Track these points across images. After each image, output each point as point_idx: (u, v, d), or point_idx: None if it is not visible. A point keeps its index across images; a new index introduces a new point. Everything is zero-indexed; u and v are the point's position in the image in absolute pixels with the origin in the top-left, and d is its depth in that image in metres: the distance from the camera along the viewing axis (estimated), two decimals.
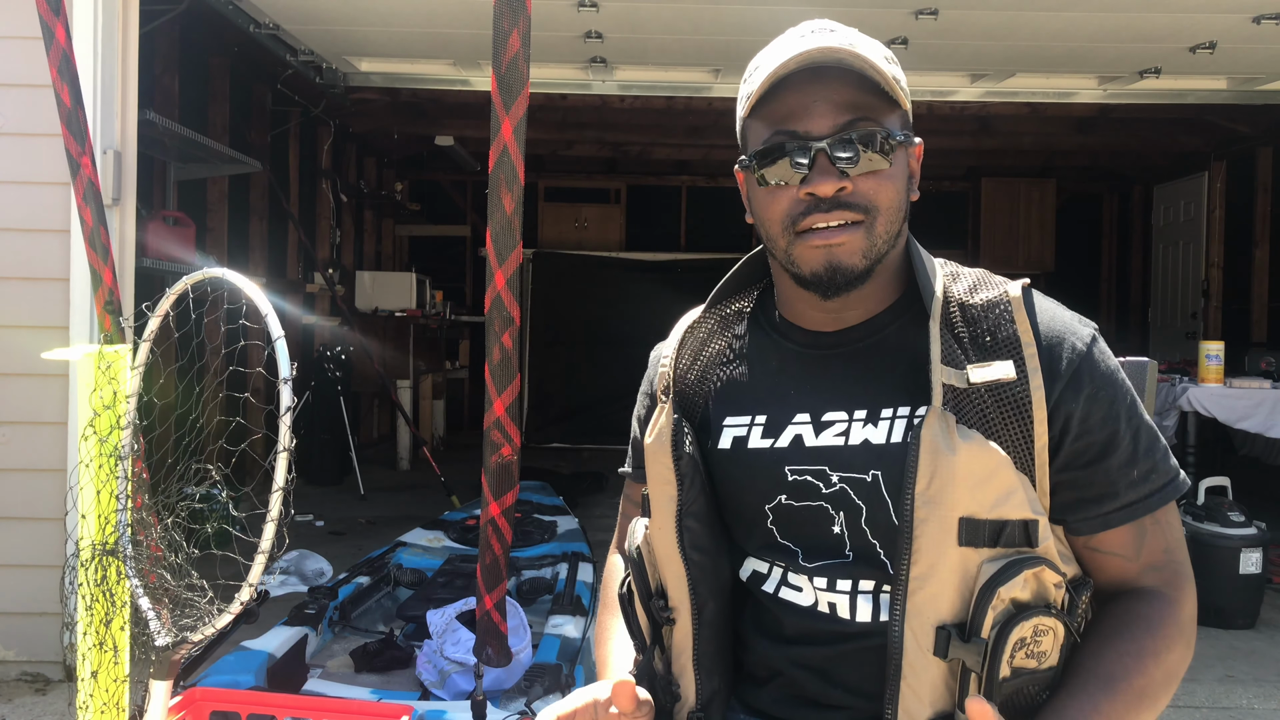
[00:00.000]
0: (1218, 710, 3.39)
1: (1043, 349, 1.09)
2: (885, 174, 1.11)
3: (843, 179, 1.10)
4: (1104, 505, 1.10)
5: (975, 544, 1.03)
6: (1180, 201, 8.96)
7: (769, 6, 4.68)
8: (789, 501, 1.15)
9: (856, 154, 1.09)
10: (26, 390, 3.50)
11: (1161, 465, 1.13)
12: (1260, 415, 4.94)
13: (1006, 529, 1.04)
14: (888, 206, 1.12)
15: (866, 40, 1.14)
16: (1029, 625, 1.02)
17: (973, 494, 1.03)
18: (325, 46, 5.74)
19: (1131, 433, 1.11)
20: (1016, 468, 1.05)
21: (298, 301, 7.46)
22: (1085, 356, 1.11)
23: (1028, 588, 1.03)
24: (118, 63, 3.52)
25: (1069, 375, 1.09)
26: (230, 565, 1.68)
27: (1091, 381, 1.10)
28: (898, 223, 1.13)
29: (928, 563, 1.03)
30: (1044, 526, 1.05)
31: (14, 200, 3.52)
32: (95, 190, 2.13)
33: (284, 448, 1.56)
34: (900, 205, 1.13)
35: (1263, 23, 4.80)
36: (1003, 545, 1.04)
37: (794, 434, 1.15)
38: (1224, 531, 4.17)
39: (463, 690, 2.77)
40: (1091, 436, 1.09)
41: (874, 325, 1.17)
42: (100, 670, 1.90)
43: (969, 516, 1.03)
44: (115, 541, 1.87)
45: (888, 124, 1.11)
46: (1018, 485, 1.04)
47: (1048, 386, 1.08)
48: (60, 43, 2.07)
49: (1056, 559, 1.06)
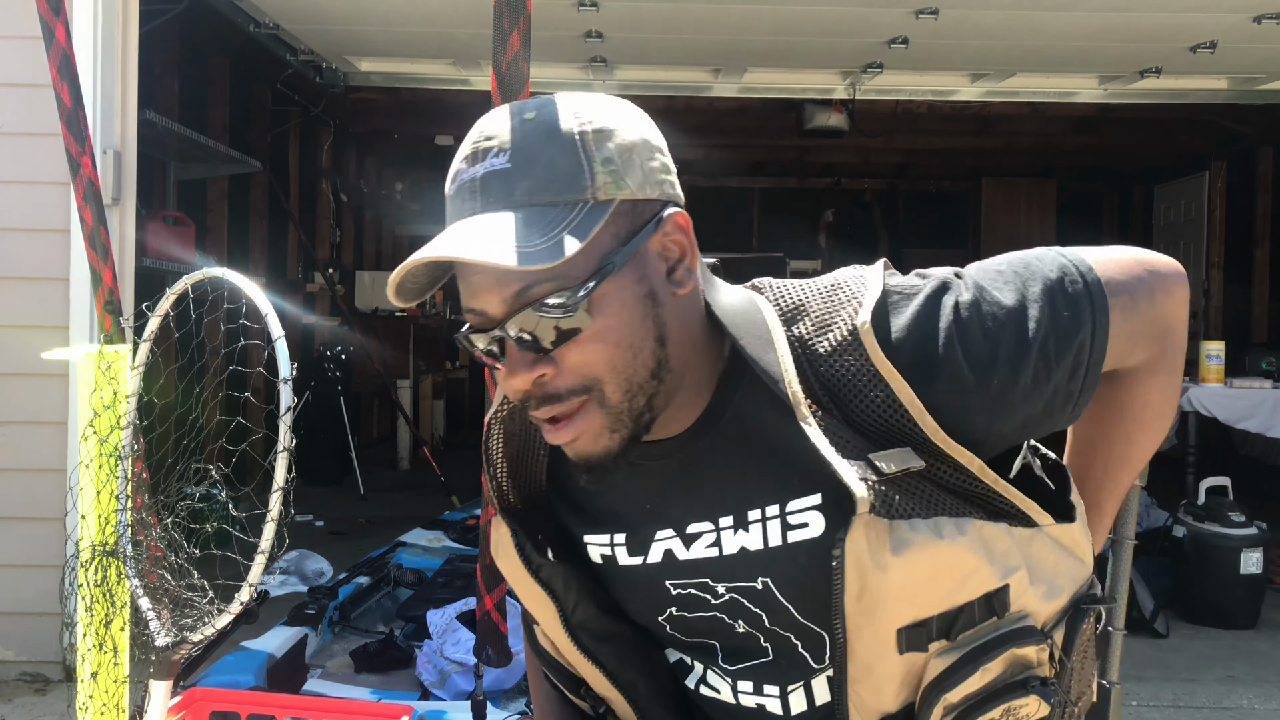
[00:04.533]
0: (1219, 710, 3.38)
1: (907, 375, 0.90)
2: (596, 334, 0.88)
3: (537, 365, 0.89)
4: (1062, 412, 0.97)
5: (920, 648, 0.91)
6: (1181, 201, 8.95)
7: (769, 6, 4.68)
8: (681, 613, 1.03)
9: (542, 329, 0.88)
10: (26, 390, 3.50)
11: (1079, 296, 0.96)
12: (1261, 415, 4.94)
13: (963, 614, 0.91)
14: (612, 369, 0.89)
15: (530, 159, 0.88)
16: (997, 711, 0.93)
17: (913, 601, 0.90)
18: (325, 46, 5.74)
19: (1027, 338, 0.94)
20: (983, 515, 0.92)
21: (298, 301, 7.45)
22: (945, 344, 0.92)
23: (990, 674, 0.92)
24: (117, 62, 3.52)
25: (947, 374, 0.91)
26: (230, 565, 1.68)
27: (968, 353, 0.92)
28: (642, 360, 0.90)
29: (864, 665, 0.92)
30: (1018, 585, 0.92)
31: (14, 200, 3.52)
32: (95, 190, 2.13)
33: (284, 448, 1.55)
34: (633, 348, 0.89)
35: (1263, 22, 4.80)
36: (963, 631, 0.91)
37: (663, 549, 1.01)
38: (1225, 532, 4.16)
39: (463, 690, 2.77)
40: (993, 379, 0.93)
41: (710, 417, 0.97)
42: (100, 671, 1.90)
43: (910, 624, 0.90)
44: (115, 542, 1.87)
45: (581, 266, 0.86)
46: (979, 563, 0.90)
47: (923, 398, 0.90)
48: (60, 42, 2.07)
49: (1034, 610, 0.94)
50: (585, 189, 0.88)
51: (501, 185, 0.88)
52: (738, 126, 7.72)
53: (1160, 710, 3.35)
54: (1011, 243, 10.40)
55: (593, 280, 0.87)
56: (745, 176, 10.17)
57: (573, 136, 0.89)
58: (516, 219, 0.86)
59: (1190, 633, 4.13)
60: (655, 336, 0.91)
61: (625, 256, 0.89)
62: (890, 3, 4.67)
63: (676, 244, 0.93)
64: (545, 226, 0.85)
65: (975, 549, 0.90)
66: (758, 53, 5.62)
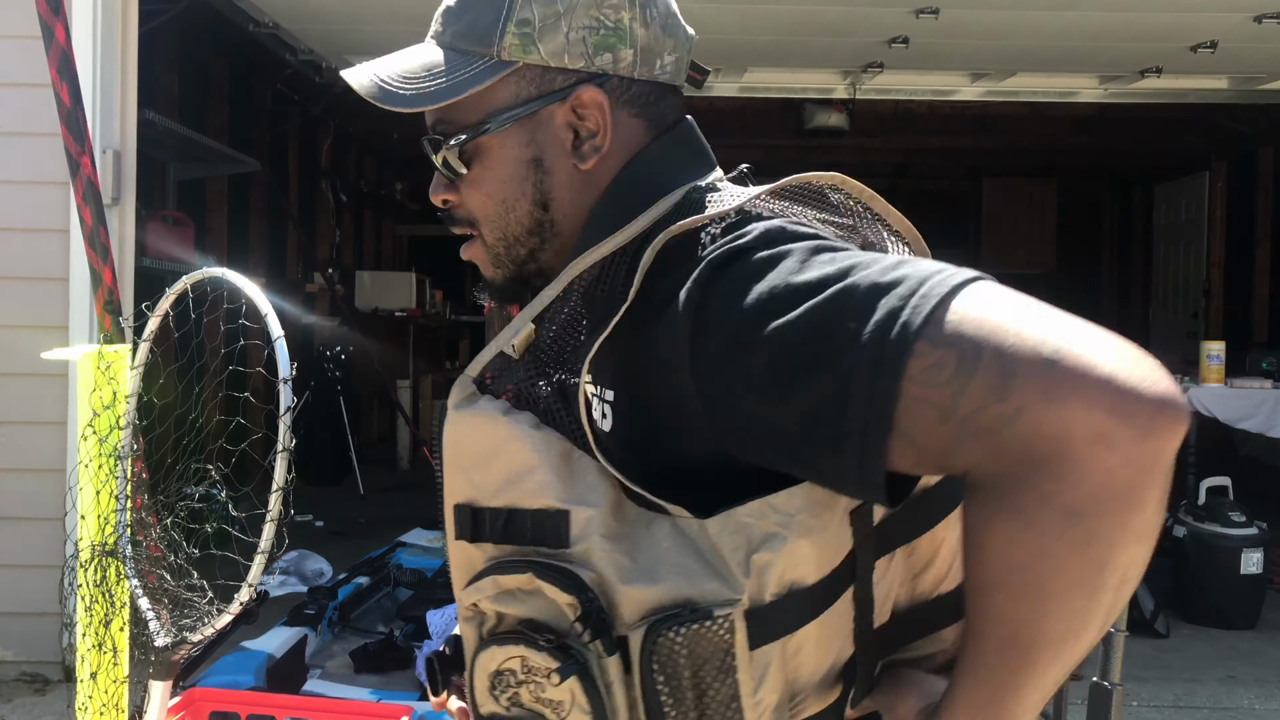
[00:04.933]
0: (1219, 710, 3.38)
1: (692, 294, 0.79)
2: (472, 180, 0.94)
3: (445, 190, 0.97)
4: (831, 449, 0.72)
5: (477, 539, 0.83)
6: (1181, 201, 8.95)
7: (769, 6, 4.68)
8: None
9: (444, 165, 0.95)
10: (26, 390, 3.50)
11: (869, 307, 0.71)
12: (1261, 415, 4.94)
13: (510, 519, 0.81)
14: (485, 216, 0.95)
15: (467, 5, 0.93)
16: (503, 651, 0.80)
17: (466, 472, 0.84)
18: (325, 45, 5.74)
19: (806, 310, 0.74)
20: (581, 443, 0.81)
21: (298, 301, 7.45)
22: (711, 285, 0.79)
23: (515, 602, 0.80)
24: (117, 62, 3.52)
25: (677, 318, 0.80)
26: (230, 565, 1.68)
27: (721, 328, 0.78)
28: (515, 218, 0.94)
29: (449, 539, 0.86)
30: (581, 522, 0.78)
31: (14, 200, 3.52)
32: (95, 190, 2.12)
33: (284, 448, 1.55)
34: (505, 203, 0.94)
35: (1264, 22, 4.80)
36: (507, 541, 0.81)
37: None
38: (1225, 532, 4.16)
39: None
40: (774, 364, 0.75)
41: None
42: (99, 671, 1.90)
43: (463, 503, 0.84)
44: (115, 542, 1.87)
45: (471, 115, 0.92)
46: (540, 464, 0.80)
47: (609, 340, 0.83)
48: (60, 42, 2.07)
49: (599, 563, 0.77)
50: (492, 46, 0.91)
51: (441, 21, 0.95)
52: (738, 126, 7.72)
53: (1160, 710, 3.35)
54: (1012, 242, 10.45)
55: (465, 134, 0.93)
56: None
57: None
58: (427, 58, 0.94)
59: (1190, 633, 4.13)
60: (534, 200, 0.94)
61: (509, 119, 0.92)
62: (890, 2, 4.67)
63: (590, 119, 0.92)
64: (441, 72, 0.92)
65: (540, 450, 0.81)
66: (758, 52, 5.62)
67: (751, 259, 0.78)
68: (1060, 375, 0.65)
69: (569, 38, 0.91)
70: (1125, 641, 1.29)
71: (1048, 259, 10.11)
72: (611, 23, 0.92)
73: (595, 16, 0.91)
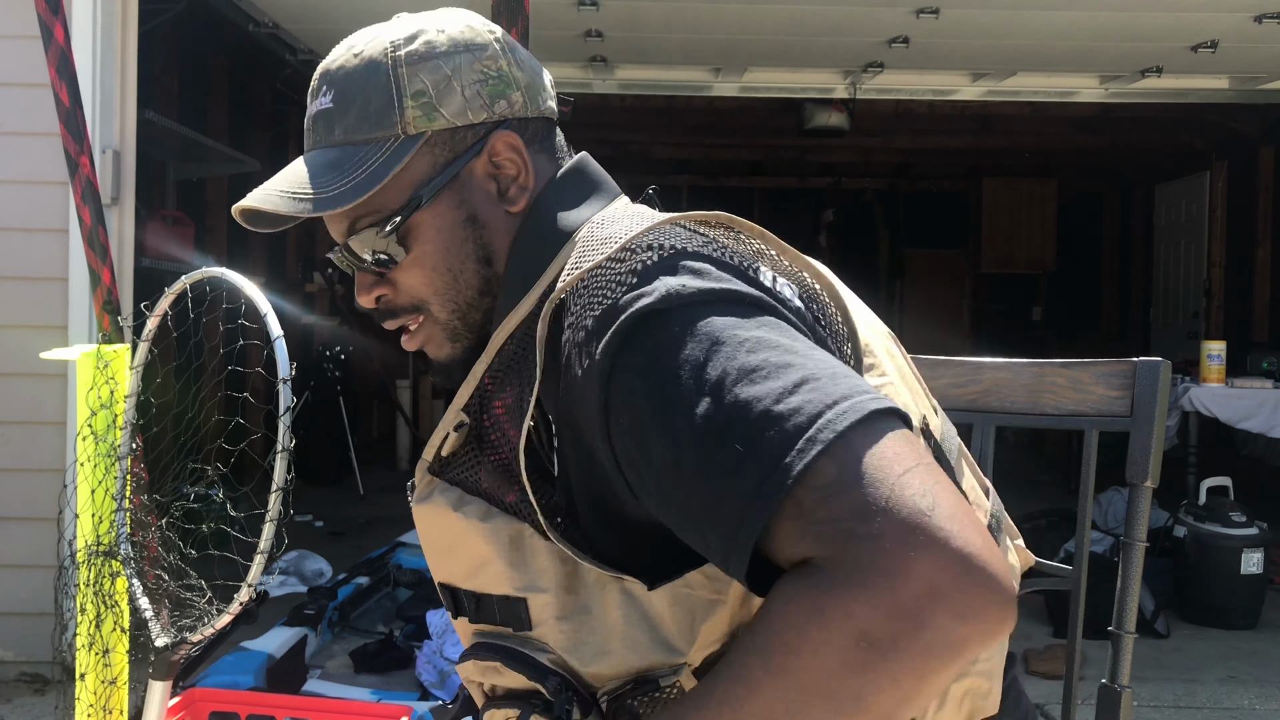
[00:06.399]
0: (1219, 711, 3.38)
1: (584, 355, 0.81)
2: (413, 260, 0.93)
3: (376, 287, 0.96)
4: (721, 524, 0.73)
5: (460, 614, 0.92)
6: (1182, 201, 8.95)
7: (769, 6, 4.67)
8: None
9: (364, 260, 0.94)
10: (26, 390, 3.50)
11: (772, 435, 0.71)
12: (1262, 415, 4.93)
13: (481, 603, 0.88)
14: (434, 291, 0.94)
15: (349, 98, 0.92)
16: (501, 714, 0.89)
17: (438, 560, 0.92)
18: (325, 45, 5.72)
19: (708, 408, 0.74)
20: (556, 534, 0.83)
21: (297, 301, 7.44)
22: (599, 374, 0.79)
23: (500, 677, 0.88)
24: (117, 62, 3.51)
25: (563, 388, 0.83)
26: (229, 565, 1.68)
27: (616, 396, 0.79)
28: (466, 281, 0.93)
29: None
30: (539, 607, 0.83)
31: (13, 200, 3.51)
32: (94, 190, 2.12)
33: (283, 448, 1.55)
34: (452, 271, 0.93)
35: (1264, 22, 4.79)
36: (482, 621, 0.89)
37: None
38: (1225, 532, 4.16)
39: None
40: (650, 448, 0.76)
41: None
42: (98, 671, 1.90)
43: (443, 584, 0.92)
44: (111, 542, 1.86)
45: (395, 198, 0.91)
46: (494, 556, 0.85)
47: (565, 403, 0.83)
48: (59, 42, 2.06)
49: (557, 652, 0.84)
50: (394, 124, 0.92)
51: (325, 125, 0.95)
52: (738, 126, 7.72)
53: (1161, 710, 3.35)
54: (1012, 242, 10.43)
55: (399, 215, 0.92)
56: (745, 176, 10.17)
57: (387, 70, 0.92)
58: (326, 161, 0.92)
59: (1190, 633, 4.13)
60: (478, 258, 0.94)
61: (437, 187, 0.93)
62: (890, 2, 4.67)
63: (508, 163, 0.95)
64: (350, 167, 0.91)
65: (491, 541, 0.85)
66: (758, 52, 5.62)
67: (657, 331, 0.77)
68: (926, 527, 0.67)
69: (465, 95, 0.93)
70: None
71: (1048, 259, 10.11)
72: (495, 71, 0.95)
73: (480, 70, 0.94)
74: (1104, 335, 10.15)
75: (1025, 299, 10.39)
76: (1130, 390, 1.29)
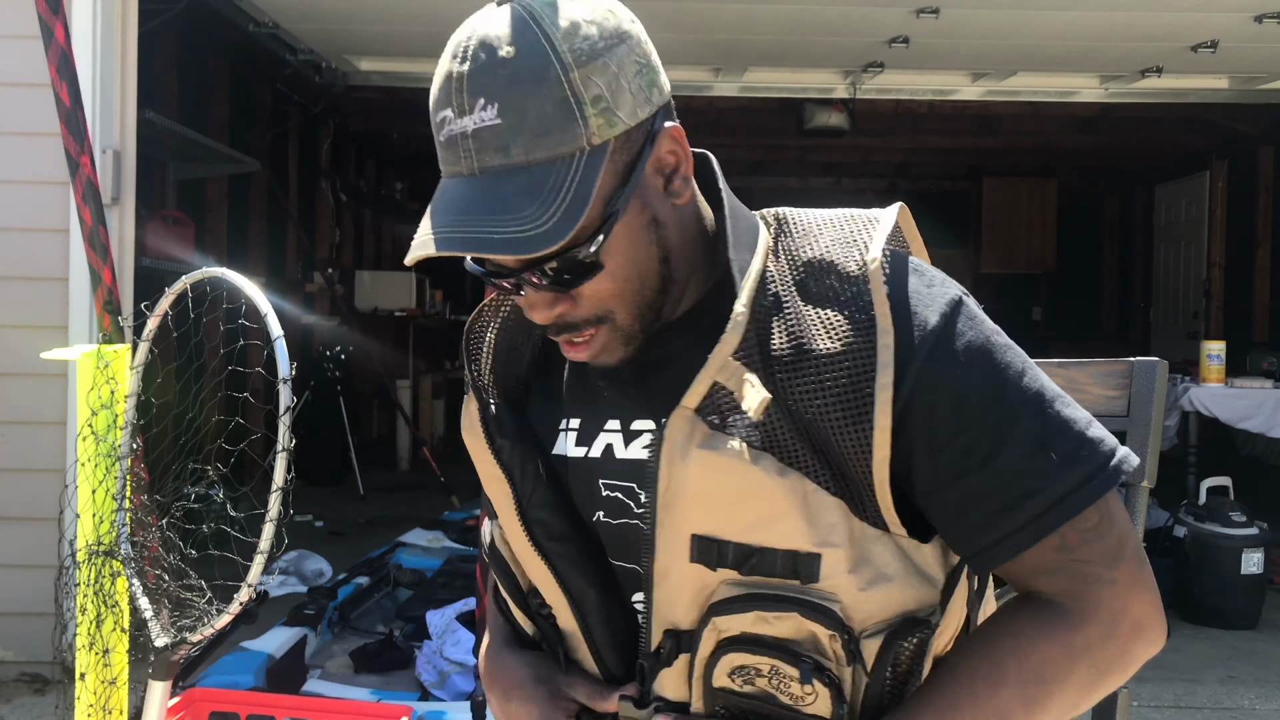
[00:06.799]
0: (1219, 711, 3.38)
1: (899, 338, 0.88)
2: (605, 275, 0.90)
3: (557, 304, 0.92)
4: (995, 529, 0.89)
5: (710, 564, 0.90)
6: (1182, 201, 8.95)
7: (769, 6, 4.68)
8: (606, 519, 1.01)
9: (558, 283, 0.90)
10: (26, 390, 3.50)
11: (1077, 454, 0.89)
12: (1262, 415, 4.93)
13: (760, 556, 0.89)
14: (623, 299, 0.92)
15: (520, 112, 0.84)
16: (755, 659, 0.90)
17: (711, 513, 0.90)
18: (325, 45, 5.73)
19: (1023, 419, 0.90)
20: (831, 490, 0.88)
21: (297, 301, 7.45)
22: (942, 332, 0.89)
23: (773, 624, 0.89)
24: (117, 62, 3.52)
25: (922, 362, 0.88)
26: (229, 565, 1.68)
27: (952, 365, 0.89)
28: (650, 284, 0.93)
29: (664, 564, 0.92)
30: (832, 561, 0.88)
31: (14, 200, 3.51)
32: (94, 190, 2.12)
33: (283, 448, 1.55)
34: (641, 277, 0.92)
35: (1264, 22, 4.80)
36: (756, 573, 0.89)
37: (605, 443, 1.01)
38: (1225, 532, 4.16)
39: (462, 691, 2.77)
40: (963, 436, 0.89)
41: (689, 320, 0.98)
42: (97, 671, 1.90)
43: (705, 535, 0.90)
44: (112, 542, 1.86)
45: (590, 214, 0.87)
46: (789, 509, 0.87)
47: (896, 385, 0.87)
48: (59, 42, 2.06)
49: (847, 598, 0.89)
50: (579, 137, 0.85)
51: (496, 144, 0.85)
52: (738, 126, 7.72)
53: (1161, 710, 3.35)
54: (1012, 242, 10.44)
55: (601, 234, 0.88)
56: (745, 176, 10.16)
57: (557, 75, 0.84)
58: (516, 187, 0.85)
59: (1190, 633, 4.13)
60: (660, 258, 0.93)
61: (628, 196, 0.88)
62: (890, 2, 4.67)
63: (671, 155, 0.92)
64: (547, 195, 0.84)
65: (790, 498, 0.88)
66: (758, 52, 5.62)
67: (973, 322, 0.92)
68: (1145, 577, 0.93)
69: (631, 91, 0.88)
70: None
71: (1048, 259, 10.11)
72: (644, 58, 0.90)
73: (635, 61, 0.89)
74: (1104, 335, 10.15)
75: (1025, 299, 10.40)
76: (1127, 390, 1.29)
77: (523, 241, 0.83)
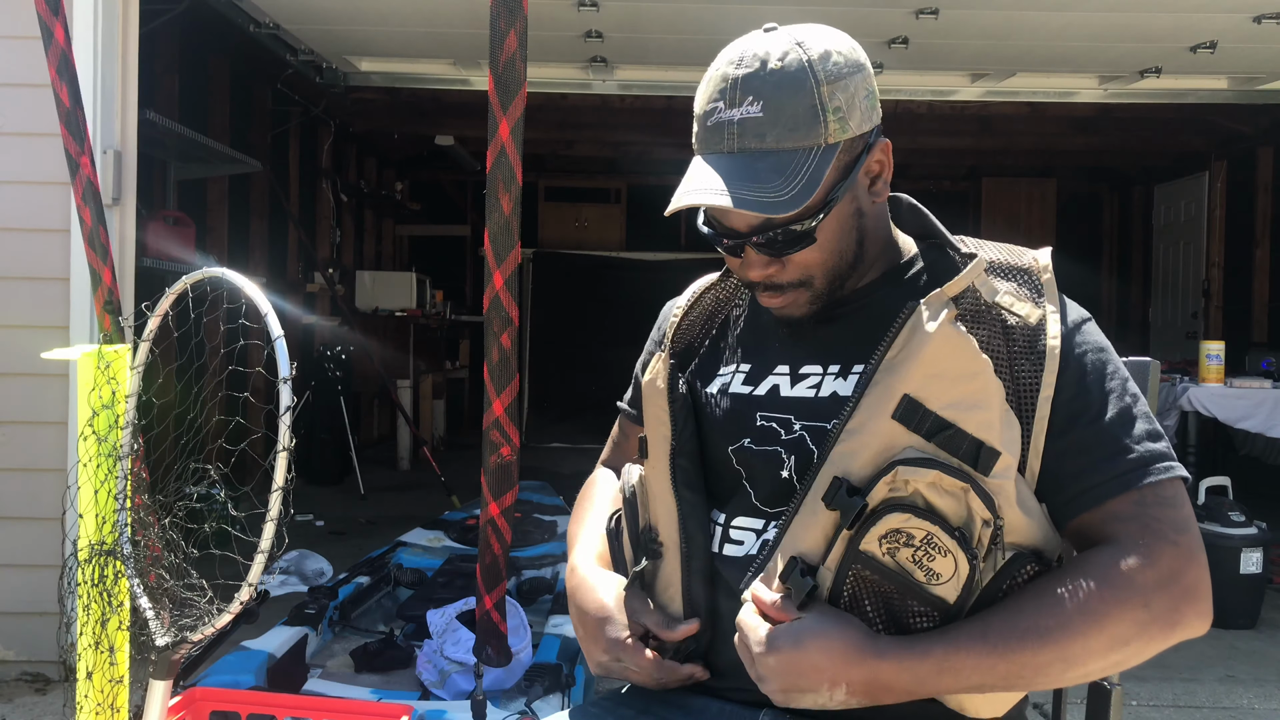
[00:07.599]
0: (1219, 710, 3.38)
1: (1065, 319, 1.14)
2: (815, 247, 1.15)
3: (769, 266, 1.17)
4: (1089, 477, 1.09)
5: (909, 425, 1.05)
6: (1181, 201, 8.95)
7: (769, 6, 4.68)
8: (751, 444, 1.20)
9: (777, 247, 1.15)
10: (26, 390, 3.50)
11: (1161, 437, 1.14)
12: (1261, 415, 4.94)
13: (951, 433, 1.04)
14: (824, 269, 1.17)
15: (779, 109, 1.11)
16: (917, 522, 1.02)
17: (929, 380, 1.05)
18: (325, 46, 5.74)
19: (1125, 399, 1.13)
20: (1008, 402, 1.07)
21: (298, 301, 7.45)
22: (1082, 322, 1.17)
23: (942, 496, 1.03)
24: (117, 62, 3.52)
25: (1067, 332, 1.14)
26: (230, 565, 1.68)
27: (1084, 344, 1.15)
28: (846, 260, 1.18)
29: (860, 420, 1.07)
30: (1004, 466, 1.05)
31: (14, 200, 3.51)
32: (95, 190, 2.13)
33: (284, 447, 1.55)
34: (841, 254, 1.18)
35: (1263, 22, 4.80)
36: (943, 446, 1.05)
37: (772, 384, 1.23)
38: (1225, 531, 4.16)
39: (463, 690, 2.77)
40: (1081, 397, 1.12)
41: (866, 291, 1.23)
42: (98, 671, 1.90)
43: (915, 397, 1.05)
44: (114, 541, 1.87)
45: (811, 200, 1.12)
46: (992, 405, 1.06)
47: (1064, 350, 1.12)
48: (59, 42, 2.07)
49: (1002, 501, 1.05)
50: (819, 135, 1.11)
51: (754, 131, 1.11)
52: None
53: (1160, 710, 3.36)
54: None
55: (822, 213, 1.13)
56: None
57: (812, 90, 1.11)
58: (767, 165, 1.10)
59: None
60: (858, 241, 1.19)
61: (846, 188, 1.14)
62: (890, 3, 4.67)
63: (879, 163, 1.19)
64: (789, 173, 1.09)
65: (998, 395, 1.07)
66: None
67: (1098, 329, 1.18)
68: (1200, 553, 1.08)
69: (863, 109, 1.14)
70: None
71: None
72: (871, 87, 1.16)
73: (866, 87, 1.15)
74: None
75: None
76: None
77: (769, 204, 1.08)
